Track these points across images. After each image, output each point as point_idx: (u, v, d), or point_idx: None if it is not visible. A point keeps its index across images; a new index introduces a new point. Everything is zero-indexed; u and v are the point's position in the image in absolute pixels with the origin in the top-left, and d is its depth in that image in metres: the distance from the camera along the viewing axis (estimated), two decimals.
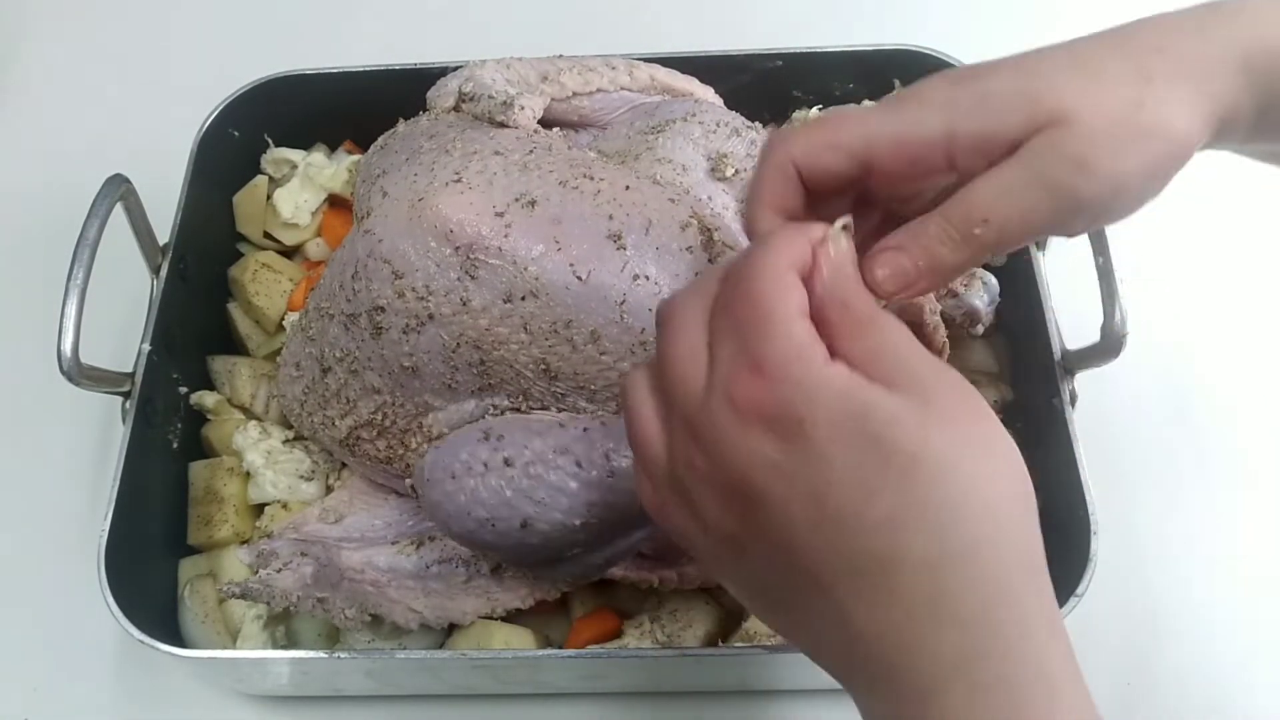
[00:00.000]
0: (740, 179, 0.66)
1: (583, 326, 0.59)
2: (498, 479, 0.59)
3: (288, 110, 0.88)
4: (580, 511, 0.58)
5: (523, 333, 0.60)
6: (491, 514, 0.59)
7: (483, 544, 0.62)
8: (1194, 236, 0.90)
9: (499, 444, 0.60)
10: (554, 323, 0.59)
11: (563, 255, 0.59)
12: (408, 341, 0.62)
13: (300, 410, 0.72)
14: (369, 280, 0.62)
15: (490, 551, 0.64)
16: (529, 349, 0.60)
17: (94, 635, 0.76)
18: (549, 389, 0.62)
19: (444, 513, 0.61)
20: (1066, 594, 0.62)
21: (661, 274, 0.60)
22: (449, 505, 0.60)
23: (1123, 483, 0.79)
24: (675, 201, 0.63)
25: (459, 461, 0.61)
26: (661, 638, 0.69)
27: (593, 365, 0.60)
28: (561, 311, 0.59)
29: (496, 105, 0.72)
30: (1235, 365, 0.84)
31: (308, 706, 0.74)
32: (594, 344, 0.59)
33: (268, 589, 0.65)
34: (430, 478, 0.62)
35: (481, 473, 0.60)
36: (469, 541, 0.63)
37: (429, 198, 0.62)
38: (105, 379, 0.71)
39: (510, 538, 0.60)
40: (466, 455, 0.61)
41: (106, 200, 0.71)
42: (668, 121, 0.71)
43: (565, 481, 0.58)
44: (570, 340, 0.60)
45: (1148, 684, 0.72)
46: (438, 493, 0.61)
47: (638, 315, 0.59)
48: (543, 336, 0.60)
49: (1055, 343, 0.70)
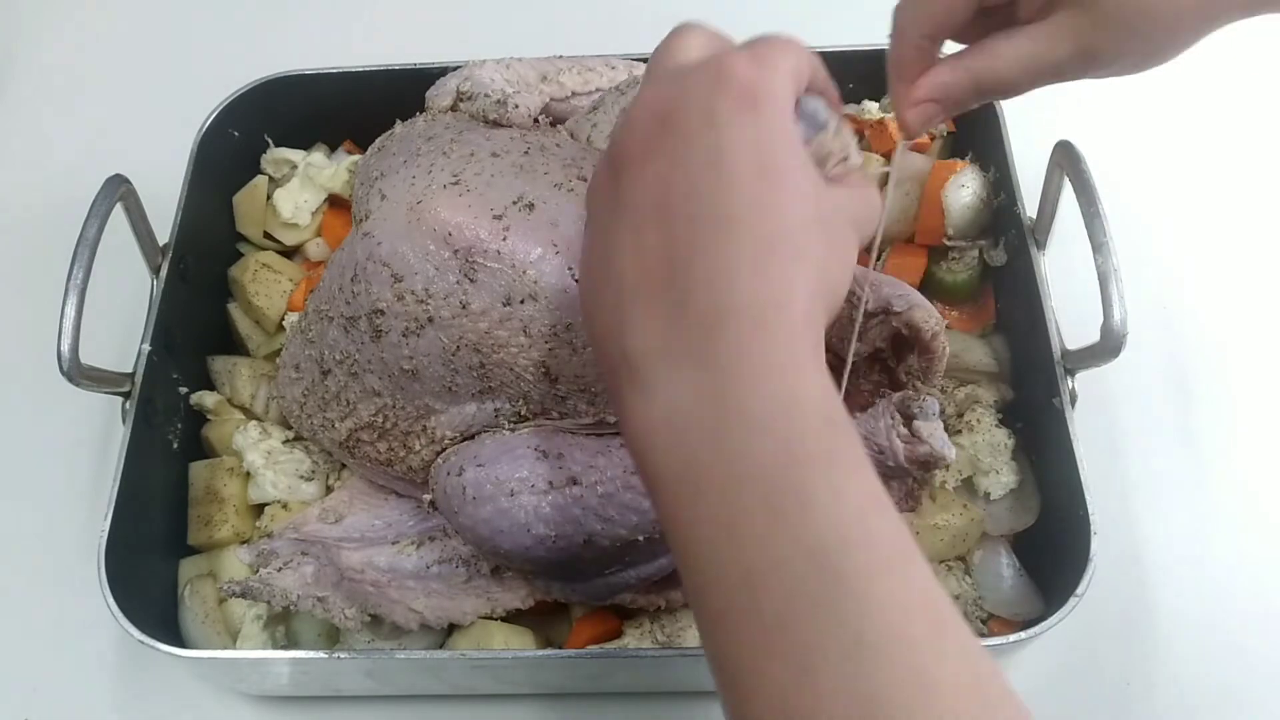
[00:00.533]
0: None
1: (583, 329, 0.59)
2: (563, 497, 0.59)
3: (288, 110, 0.88)
4: (646, 528, 0.59)
5: (522, 336, 0.60)
6: (556, 530, 0.59)
7: (529, 560, 0.61)
8: (1194, 236, 0.90)
9: (560, 462, 0.60)
10: (554, 325, 0.59)
11: (561, 258, 0.59)
12: (407, 344, 0.62)
13: (300, 412, 0.72)
14: (368, 283, 0.62)
15: (524, 566, 0.63)
16: (529, 352, 0.60)
17: (94, 635, 0.76)
18: (550, 391, 0.62)
19: (492, 529, 0.61)
20: (1066, 594, 0.62)
21: None
22: (501, 521, 0.60)
23: (1123, 483, 0.79)
24: None
25: (517, 479, 0.60)
26: (661, 638, 0.68)
27: (593, 368, 0.60)
28: (561, 314, 0.59)
29: (491, 104, 0.72)
30: (1235, 365, 0.84)
31: (308, 706, 0.74)
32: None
33: (268, 588, 0.65)
34: (477, 495, 0.61)
35: (545, 490, 0.60)
36: (512, 558, 0.62)
37: (427, 200, 0.62)
38: (105, 379, 0.71)
39: (566, 553, 0.60)
40: (527, 473, 0.60)
41: (106, 200, 0.71)
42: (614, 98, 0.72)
43: (639, 501, 0.59)
44: (570, 343, 0.60)
45: (1148, 684, 0.72)
46: (487, 510, 0.61)
47: None
48: (543, 339, 0.60)
49: (1055, 343, 0.70)
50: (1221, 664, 0.72)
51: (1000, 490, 0.73)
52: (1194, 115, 0.96)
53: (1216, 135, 0.95)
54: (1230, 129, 0.95)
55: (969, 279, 0.81)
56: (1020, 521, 0.73)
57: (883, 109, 0.85)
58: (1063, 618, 0.62)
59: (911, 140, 0.57)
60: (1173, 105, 0.96)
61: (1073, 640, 0.70)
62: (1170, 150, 0.94)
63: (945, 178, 0.80)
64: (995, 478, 0.73)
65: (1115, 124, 0.93)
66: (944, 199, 0.80)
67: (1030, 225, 0.75)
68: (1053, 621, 0.62)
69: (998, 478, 0.73)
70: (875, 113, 0.84)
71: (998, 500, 0.73)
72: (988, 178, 0.81)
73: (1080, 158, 0.69)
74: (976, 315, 0.82)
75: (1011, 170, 0.78)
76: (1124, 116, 0.94)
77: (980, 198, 0.80)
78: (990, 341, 0.80)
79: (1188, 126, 0.95)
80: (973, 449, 0.74)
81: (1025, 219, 0.76)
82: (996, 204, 0.80)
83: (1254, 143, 0.94)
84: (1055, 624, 0.62)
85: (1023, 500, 0.73)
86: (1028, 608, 0.70)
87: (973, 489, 0.74)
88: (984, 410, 0.76)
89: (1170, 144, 0.94)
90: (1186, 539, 0.77)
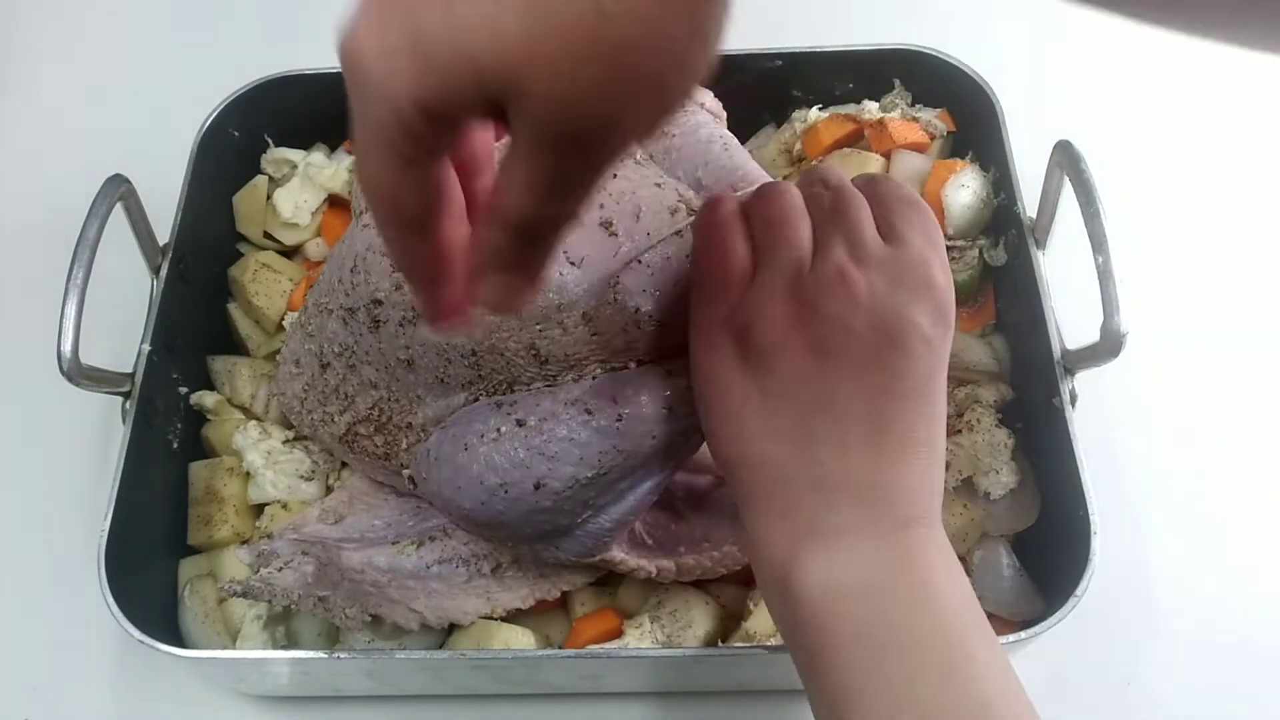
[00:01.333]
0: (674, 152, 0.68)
1: (574, 310, 0.59)
2: (511, 442, 0.59)
3: (288, 110, 0.88)
4: (592, 462, 0.58)
5: (513, 319, 0.61)
6: (504, 478, 0.58)
7: (493, 518, 0.60)
8: (1194, 236, 0.90)
9: (512, 409, 0.60)
10: (545, 308, 0.60)
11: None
12: (404, 334, 0.62)
13: (300, 408, 0.72)
14: (367, 273, 0.63)
15: (499, 531, 0.63)
16: (519, 335, 0.61)
17: (94, 635, 0.76)
18: (539, 373, 0.62)
19: (453, 487, 0.60)
20: (1066, 594, 0.62)
21: (653, 256, 0.60)
22: (460, 479, 0.60)
23: (1123, 483, 0.79)
24: (661, 186, 0.64)
25: (472, 431, 0.60)
26: (661, 638, 0.69)
27: (584, 345, 0.60)
28: (554, 296, 0.60)
29: None
30: (1235, 365, 0.84)
31: (308, 706, 0.74)
32: (585, 325, 0.60)
33: (268, 587, 0.65)
34: (438, 456, 0.61)
35: (495, 438, 0.59)
36: (478, 519, 0.61)
37: None
38: (105, 379, 0.71)
39: (523, 503, 0.59)
40: (480, 425, 0.60)
41: (106, 200, 0.71)
42: None
43: (576, 431, 0.58)
44: (561, 324, 0.60)
45: (1148, 684, 0.72)
46: (448, 469, 0.60)
47: (631, 295, 0.59)
48: (533, 321, 0.60)
49: (1055, 343, 0.70)
50: (1221, 664, 0.72)
51: (1000, 490, 0.73)
52: (1194, 115, 0.96)
53: (1217, 135, 0.95)
54: (1230, 129, 0.95)
55: (969, 279, 0.81)
56: (1020, 521, 0.73)
57: (883, 109, 0.85)
58: (1063, 618, 0.62)
59: None
60: (1173, 105, 0.96)
61: (1073, 640, 0.70)
62: (1170, 150, 0.94)
63: (945, 178, 0.80)
64: (995, 478, 0.73)
65: (1115, 124, 0.93)
66: (944, 199, 0.80)
67: (1030, 225, 0.75)
68: (1053, 621, 0.62)
69: (998, 478, 0.73)
70: (875, 113, 0.84)
71: (998, 500, 0.73)
72: (988, 178, 0.81)
73: (1080, 158, 0.69)
74: (976, 315, 0.82)
75: (1011, 170, 0.78)
76: (1124, 116, 0.94)
77: (980, 198, 0.80)
78: (990, 341, 0.80)
79: (1188, 126, 0.95)
80: (973, 449, 0.74)
81: (1025, 219, 0.76)
82: (996, 204, 0.80)
83: (1254, 142, 0.94)
84: (1055, 624, 0.62)
85: (1023, 500, 0.73)
86: (1028, 608, 0.70)
87: (973, 489, 0.74)
88: (984, 410, 0.76)
89: (1170, 144, 0.94)
90: (1186, 539, 0.77)
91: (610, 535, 0.64)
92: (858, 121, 0.85)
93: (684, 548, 0.68)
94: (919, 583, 0.46)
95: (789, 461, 0.49)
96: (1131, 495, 0.78)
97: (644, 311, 0.59)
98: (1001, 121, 0.79)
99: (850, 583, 0.46)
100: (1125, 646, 0.73)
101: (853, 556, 0.47)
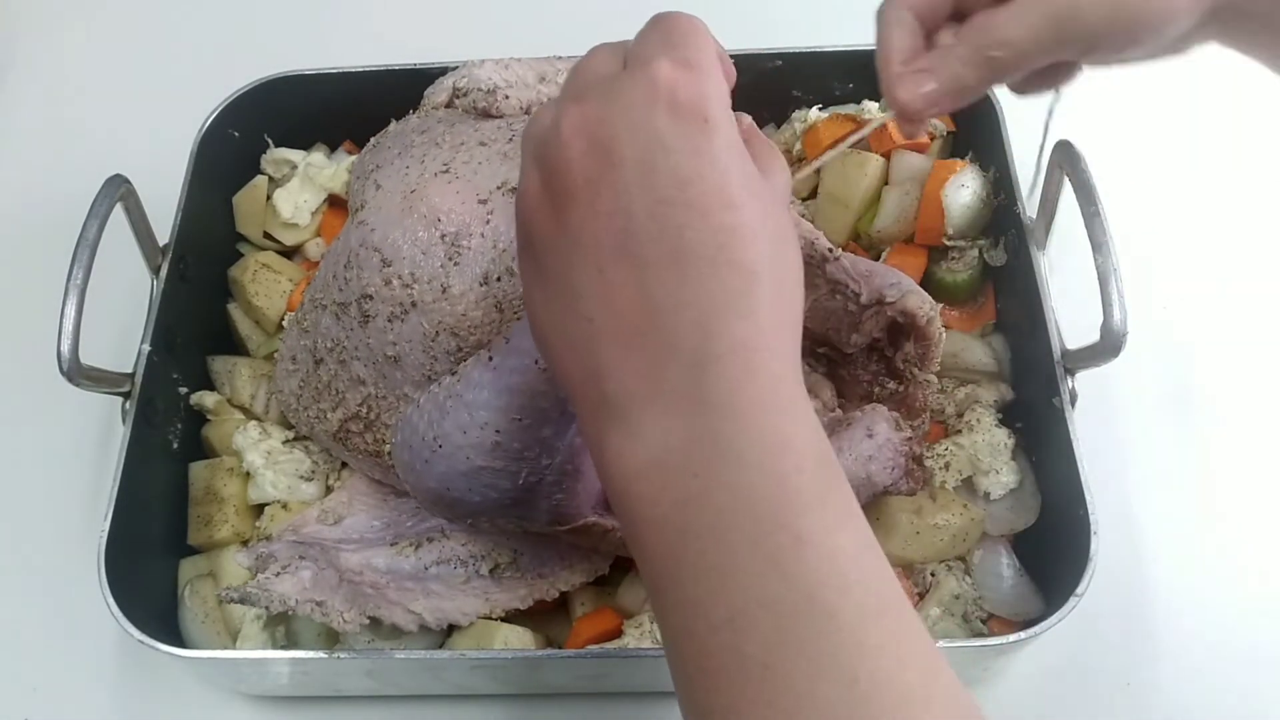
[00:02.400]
0: None
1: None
2: (439, 394, 0.61)
3: (288, 110, 0.88)
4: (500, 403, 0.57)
5: (495, 312, 0.62)
6: (437, 431, 0.59)
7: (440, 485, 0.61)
8: (1193, 236, 0.90)
9: (450, 373, 0.62)
10: (516, 296, 0.61)
11: None
12: (392, 330, 0.64)
13: (296, 404, 0.72)
14: (360, 269, 0.64)
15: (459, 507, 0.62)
16: (500, 327, 0.62)
17: (94, 635, 0.76)
18: None
19: (405, 455, 0.62)
20: (1066, 594, 0.62)
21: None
22: (412, 440, 0.61)
23: (1123, 483, 0.79)
24: None
25: (421, 402, 0.62)
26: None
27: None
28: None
29: (482, 94, 0.73)
30: (1235, 365, 0.84)
31: (308, 706, 0.74)
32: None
33: (266, 594, 0.65)
34: (402, 436, 0.63)
35: (433, 397, 0.61)
36: (429, 487, 0.61)
37: (420, 188, 0.64)
38: (105, 379, 0.71)
39: (458, 459, 0.59)
40: (425, 394, 0.62)
41: (106, 200, 0.71)
42: None
43: (482, 375, 0.58)
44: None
45: (1148, 684, 0.72)
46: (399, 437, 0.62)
47: None
48: (512, 313, 0.61)
49: (1055, 343, 0.70)
50: (1221, 664, 0.72)
51: (1000, 490, 0.73)
52: (1194, 115, 0.96)
53: (1217, 135, 0.95)
54: (1231, 128, 0.95)
55: (969, 279, 0.81)
56: (1020, 521, 0.73)
57: (883, 109, 0.85)
58: (1063, 618, 0.62)
59: (911, 137, 0.54)
60: (1173, 105, 0.96)
61: (1073, 640, 0.70)
62: (1170, 150, 0.94)
63: (945, 177, 0.80)
64: (995, 478, 0.73)
65: (1115, 124, 0.93)
66: (944, 199, 0.80)
67: (1030, 225, 0.75)
68: (1053, 621, 0.62)
69: (998, 478, 0.73)
70: (875, 113, 0.84)
71: (998, 500, 0.73)
72: (988, 177, 0.81)
73: (1080, 158, 0.69)
74: (976, 315, 0.82)
75: (1011, 170, 0.78)
76: (1124, 116, 0.94)
77: (980, 197, 0.80)
78: (990, 341, 0.80)
79: (1188, 126, 0.95)
80: (973, 449, 0.74)
81: (1025, 219, 0.76)
82: (996, 204, 0.80)
83: (1254, 142, 0.94)
84: (1055, 624, 0.61)
85: (1023, 500, 0.73)
86: (1028, 607, 0.70)
87: (973, 489, 0.74)
88: (984, 410, 0.76)
89: (1170, 144, 0.94)
90: (1186, 539, 0.77)
91: (565, 494, 0.62)
92: (858, 121, 0.85)
93: None
94: (723, 443, 0.36)
95: (570, 340, 0.40)
96: (1131, 495, 0.78)
97: None
98: (1001, 121, 0.79)
99: (641, 460, 0.37)
100: (1125, 646, 0.73)
101: (641, 428, 0.38)
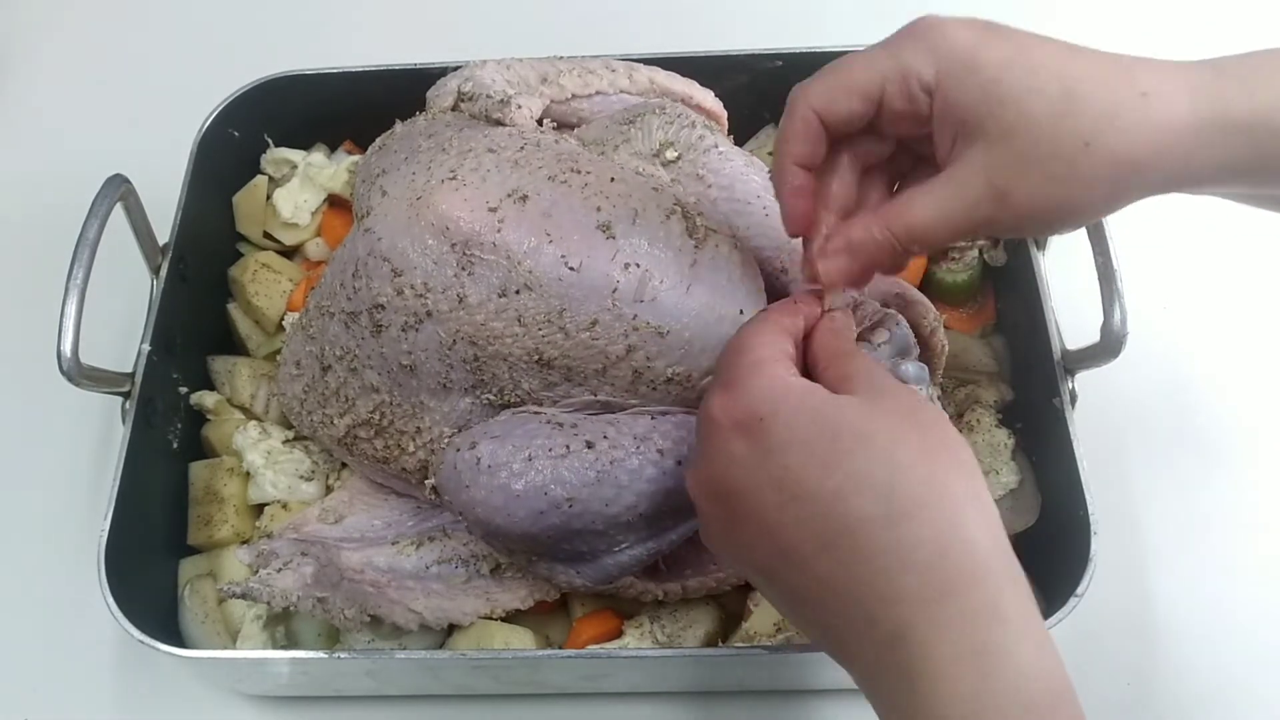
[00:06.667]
0: (682, 163, 0.69)
1: (576, 315, 0.60)
2: (580, 461, 0.60)
3: (288, 110, 0.88)
4: (656, 497, 0.60)
5: (517, 325, 0.61)
6: (572, 494, 0.59)
7: (537, 532, 0.61)
8: (1194, 236, 0.90)
9: (575, 430, 0.61)
10: (548, 313, 0.61)
11: (554, 247, 0.60)
12: (406, 339, 0.63)
13: (300, 409, 0.72)
14: (369, 278, 0.63)
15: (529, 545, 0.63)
16: (523, 340, 0.61)
17: (94, 635, 0.76)
18: (541, 377, 0.62)
19: (508, 494, 0.60)
20: (1066, 594, 0.62)
21: (649, 260, 0.61)
22: (517, 484, 0.60)
23: (1123, 483, 0.79)
24: (658, 190, 0.65)
25: (535, 444, 0.61)
26: (661, 638, 0.69)
27: (584, 350, 0.61)
28: (555, 302, 0.60)
29: (494, 104, 0.73)
30: (1235, 365, 0.84)
31: (308, 706, 0.74)
32: (587, 331, 0.61)
33: (268, 589, 0.65)
34: (492, 464, 0.61)
35: (563, 454, 0.60)
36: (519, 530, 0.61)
37: (427, 196, 0.63)
38: (105, 379, 0.71)
39: (578, 521, 0.60)
40: (544, 440, 0.61)
41: (106, 200, 0.71)
42: (638, 114, 0.72)
43: (645, 466, 0.60)
44: (563, 329, 0.61)
45: (1148, 684, 0.72)
46: (502, 476, 0.60)
47: (628, 301, 0.60)
48: (536, 327, 0.61)
49: (1055, 343, 0.70)
50: (1221, 664, 0.72)
51: (1000, 490, 0.73)
52: None
53: None
54: None
55: (969, 279, 0.81)
56: (1020, 521, 0.73)
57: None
58: (1063, 618, 0.62)
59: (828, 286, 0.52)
60: None
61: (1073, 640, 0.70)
62: None
63: None
64: (995, 478, 0.73)
65: None
66: None
67: None
68: (1053, 621, 0.62)
69: (998, 478, 0.73)
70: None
71: (998, 500, 0.73)
72: None
73: None
74: (976, 315, 0.82)
75: None
76: None
77: None
78: (990, 341, 0.80)
79: None
80: (973, 449, 0.74)
81: None
82: None
83: None
84: (1055, 624, 0.62)
85: (1023, 500, 0.73)
86: None
87: None
88: (984, 410, 0.76)
89: None
90: (1186, 539, 0.77)
91: (636, 568, 0.64)
92: None
93: (690, 570, 0.68)
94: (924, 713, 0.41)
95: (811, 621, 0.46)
96: (1131, 495, 0.78)
97: (640, 319, 0.60)
98: None
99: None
100: (1125, 646, 0.73)
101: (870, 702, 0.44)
